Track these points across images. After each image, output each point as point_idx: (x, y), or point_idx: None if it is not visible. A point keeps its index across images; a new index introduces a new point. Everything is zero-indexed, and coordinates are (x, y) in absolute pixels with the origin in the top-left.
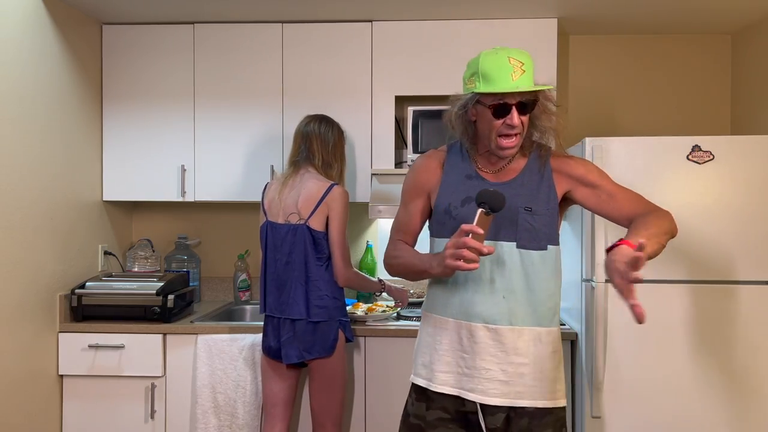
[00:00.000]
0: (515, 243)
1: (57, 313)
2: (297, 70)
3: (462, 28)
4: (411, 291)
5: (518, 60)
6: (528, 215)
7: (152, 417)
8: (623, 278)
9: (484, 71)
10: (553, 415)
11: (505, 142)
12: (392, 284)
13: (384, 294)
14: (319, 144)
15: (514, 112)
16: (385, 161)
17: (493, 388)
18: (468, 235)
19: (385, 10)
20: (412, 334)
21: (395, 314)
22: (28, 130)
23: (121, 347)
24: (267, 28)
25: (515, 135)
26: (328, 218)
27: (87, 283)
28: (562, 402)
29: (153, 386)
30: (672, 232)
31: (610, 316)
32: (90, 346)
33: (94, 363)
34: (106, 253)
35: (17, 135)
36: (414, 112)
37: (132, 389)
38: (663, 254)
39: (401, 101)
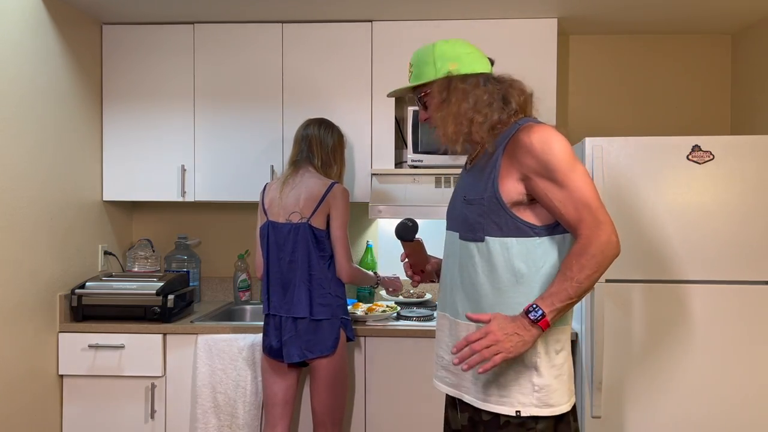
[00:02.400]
0: (458, 234)
1: (57, 313)
2: (297, 70)
3: (462, 28)
4: (411, 291)
5: (410, 63)
6: (465, 205)
7: (152, 417)
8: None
9: None
10: (511, 428)
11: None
12: (384, 276)
13: (382, 292)
14: (319, 146)
15: (420, 111)
16: (385, 161)
17: (445, 377)
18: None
19: (385, 10)
20: (412, 334)
21: (395, 314)
22: (28, 130)
23: (121, 347)
24: (267, 28)
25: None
26: (329, 216)
27: (87, 283)
28: (504, 409)
29: (153, 386)
30: (597, 272)
31: (610, 316)
32: (90, 346)
33: (94, 363)
34: (106, 253)
35: (17, 135)
36: (414, 112)
37: (132, 389)
38: (663, 254)
39: (401, 101)
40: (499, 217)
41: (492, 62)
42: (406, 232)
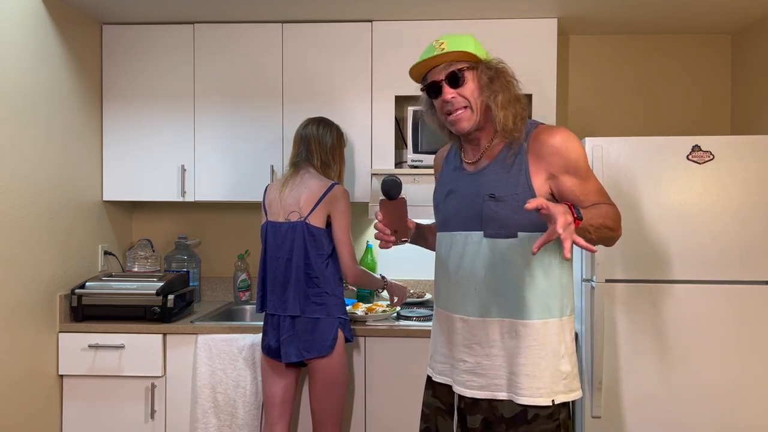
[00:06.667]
0: (482, 232)
1: (57, 313)
2: (297, 70)
3: (462, 28)
4: (411, 291)
5: (442, 41)
6: (492, 202)
7: (152, 417)
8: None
9: (419, 60)
10: (535, 425)
11: (450, 117)
12: (393, 281)
13: (384, 293)
14: (317, 146)
15: (445, 88)
16: (385, 161)
17: (469, 380)
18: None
19: (385, 10)
20: (412, 334)
21: (395, 314)
22: (28, 130)
23: (121, 347)
24: (267, 28)
25: (460, 108)
26: (330, 217)
27: (87, 283)
28: (539, 400)
29: (153, 386)
30: (615, 228)
31: (610, 316)
32: (90, 346)
33: (94, 363)
34: (106, 253)
35: (17, 135)
36: (414, 112)
37: (132, 389)
38: (663, 254)
39: (401, 101)
40: (532, 212)
41: None
42: (394, 189)
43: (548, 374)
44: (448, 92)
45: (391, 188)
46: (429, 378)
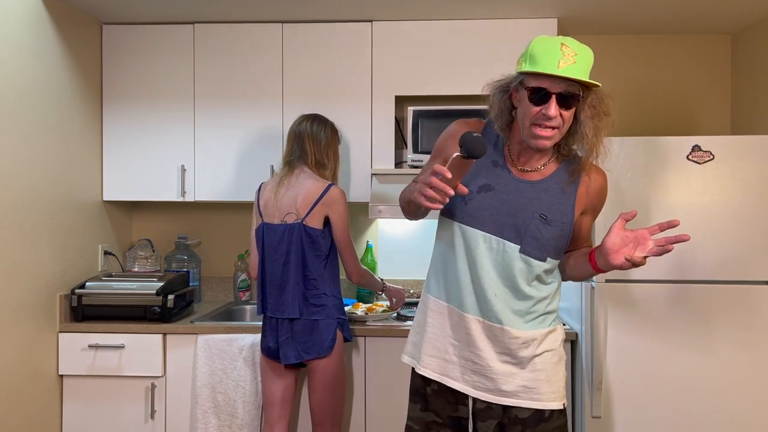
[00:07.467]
0: (519, 247)
1: (57, 313)
2: (297, 70)
3: (462, 28)
4: (411, 291)
5: (572, 49)
6: (541, 223)
7: (152, 417)
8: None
9: (532, 52)
10: (552, 422)
11: (539, 130)
12: (391, 285)
13: (382, 295)
14: (312, 143)
15: (553, 102)
16: (385, 161)
17: (478, 382)
18: (438, 176)
19: (385, 10)
20: None
21: (395, 314)
22: (28, 129)
23: (121, 347)
24: (267, 28)
25: (552, 128)
26: (329, 219)
27: (87, 283)
28: (554, 404)
29: (153, 386)
30: None
31: (610, 316)
32: (90, 346)
33: (94, 363)
34: (106, 253)
35: (17, 135)
36: (414, 112)
37: (132, 389)
38: (663, 255)
39: (401, 101)
40: (562, 241)
41: None
42: (479, 146)
43: (559, 378)
44: (555, 109)
45: (476, 146)
46: (417, 389)
